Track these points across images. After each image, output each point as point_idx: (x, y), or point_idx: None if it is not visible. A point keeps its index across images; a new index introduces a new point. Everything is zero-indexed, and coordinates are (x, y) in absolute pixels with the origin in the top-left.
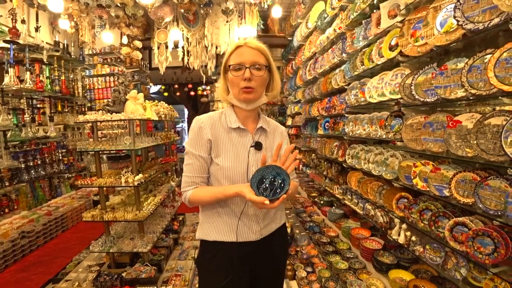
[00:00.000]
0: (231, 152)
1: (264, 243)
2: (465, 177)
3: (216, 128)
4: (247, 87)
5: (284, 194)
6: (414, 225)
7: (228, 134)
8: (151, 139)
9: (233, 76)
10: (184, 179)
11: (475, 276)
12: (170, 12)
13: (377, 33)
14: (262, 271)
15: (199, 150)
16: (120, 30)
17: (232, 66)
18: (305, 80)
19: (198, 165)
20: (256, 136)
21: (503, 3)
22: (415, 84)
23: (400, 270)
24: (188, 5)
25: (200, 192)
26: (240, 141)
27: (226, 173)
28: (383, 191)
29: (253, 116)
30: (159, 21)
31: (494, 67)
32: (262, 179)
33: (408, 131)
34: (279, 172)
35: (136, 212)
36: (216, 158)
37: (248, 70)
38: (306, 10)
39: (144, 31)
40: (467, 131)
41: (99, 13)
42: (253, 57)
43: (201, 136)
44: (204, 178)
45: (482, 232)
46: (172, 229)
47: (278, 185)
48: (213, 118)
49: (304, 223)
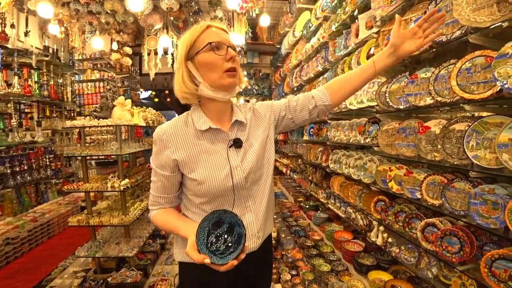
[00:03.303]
0: (207, 162)
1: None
2: (434, 180)
3: (182, 138)
4: (233, 68)
5: (234, 259)
6: (390, 227)
7: (199, 140)
8: (138, 144)
9: (216, 56)
10: (150, 197)
11: (445, 275)
12: (160, 20)
13: (356, 42)
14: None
15: (161, 168)
16: (111, 36)
17: (214, 44)
18: (292, 87)
19: (160, 185)
20: (232, 132)
21: (463, 17)
22: (389, 92)
23: (379, 271)
24: (178, 13)
25: (161, 218)
26: (215, 144)
27: (206, 188)
28: (363, 194)
29: (228, 109)
30: (149, 28)
31: (457, 77)
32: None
33: (384, 136)
34: (238, 223)
35: (122, 216)
36: (191, 174)
37: (230, 49)
38: (293, 19)
39: (134, 37)
40: (435, 136)
41: (89, 19)
42: (228, 37)
43: (163, 153)
44: (169, 198)
45: (449, 232)
46: (160, 234)
47: (234, 239)
48: (177, 126)
49: (290, 228)
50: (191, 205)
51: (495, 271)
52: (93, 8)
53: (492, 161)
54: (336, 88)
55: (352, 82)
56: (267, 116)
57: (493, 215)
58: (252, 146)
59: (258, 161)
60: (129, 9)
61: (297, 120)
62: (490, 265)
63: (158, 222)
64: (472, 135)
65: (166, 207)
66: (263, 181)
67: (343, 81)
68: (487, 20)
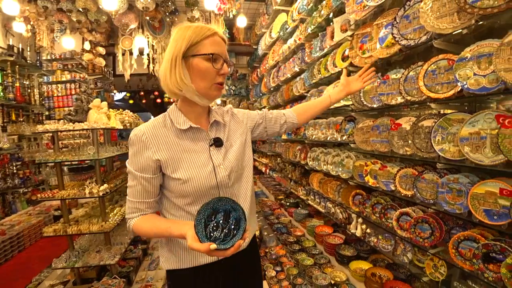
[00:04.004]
0: (190, 161)
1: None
2: (406, 173)
3: (163, 138)
4: (222, 82)
5: (240, 239)
6: (368, 218)
7: (180, 140)
8: (115, 148)
9: (212, 67)
10: (127, 204)
11: (419, 258)
12: (135, 19)
13: (331, 45)
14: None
15: (141, 170)
16: (82, 35)
17: (214, 56)
18: (269, 87)
19: (140, 189)
20: (211, 132)
21: (428, 24)
22: (363, 92)
23: (360, 261)
24: (154, 13)
25: (144, 224)
26: (196, 144)
27: (191, 187)
28: (341, 189)
29: (206, 111)
30: (123, 28)
31: (424, 78)
32: (214, 213)
33: (359, 133)
34: (234, 207)
35: (102, 223)
36: (175, 173)
37: (226, 65)
38: (270, 20)
39: (107, 37)
40: (406, 132)
41: (59, 17)
42: (225, 51)
43: (143, 155)
44: (150, 203)
45: (421, 219)
46: (141, 239)
47: (232, 224)
48: (155, 127)
49: (272, 225)
50: (174, 208)
51: (461, 251)
52: (63, 5)
53: (456, 154)
54: (301, 111)
55: (314, 109)
56: (244, 122)
57: (458, 201)
58: (233, 147)
59: (239, 161)
60: (103, 8)
61: (269, 131)
62: (457, 246)
63: (142, 229)
64: (438, 130)
65: (147, 213)
66: (245, 181)
67: (307, 107)
68: (449, 27)
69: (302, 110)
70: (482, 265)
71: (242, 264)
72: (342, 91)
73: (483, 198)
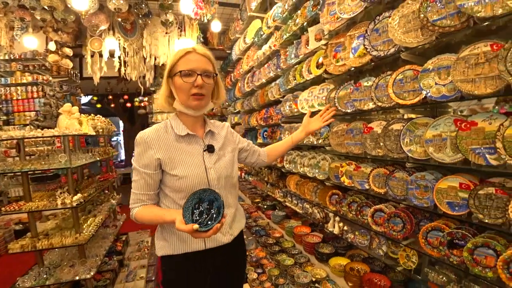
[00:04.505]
0: (186, 161)
1: (234, 245)
2: (379, 172)
3: (164, 141)
4: (198, 93)
5: (217, 223)
6: (345, 216)
7: (179, 143)
8: (88, 155)
9: (183, 82)
10: (132, 195)
11: (393, 250)
12: (106, 20)
13: (306, 52)
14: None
15: (144, 167)
16: (47, 34)
17: (183, 72)
18: (243, 92)
19: (143, 183)
20: (206, 140)
21: (396, 37)
22: (337, 98)
23: (338, 258)
24: (126, 15)
25: (144, 212)
26: (192, 148)
27: (186, 183)
28: (318, 190)
29: (200, 121)
30: (93, 29)
31: (393, 85)
32: (200, 202)
33: (334, 137)
34: (216, 197)
35: (76, 235)
36: (173, 170)
37: (200, 77)
38: (244, 26)
39: (75, 37)
40: (378, 135)
41: (20, 14)
42: (203, 65)
43: (146, 153)
44: (150, 195)
45: (394, 214)
46: (115, 250)
47: (215, 211)
48: (158, 131)
49: (251, 228)
50: (169, 202)
51: (430, 240)
52: (26, 2)
53: (422, 154)
54: (270, 152)
55: (280, 149)
56: (236, 142)
57: (425, 196)
58: (225, 156)
59: (228, 169)
60: (72, 7)
61: (246, 159)
62: (426, 236)
63: (142, 216)
64: (406, 133)
65: (148, 203)
66: (233, 189)
67: (274, 148)
68: (414, 42)
69: (270, 151)
70: (448, 251)
71: (229, 256)
72: (302, 131)
73: (446, 192)
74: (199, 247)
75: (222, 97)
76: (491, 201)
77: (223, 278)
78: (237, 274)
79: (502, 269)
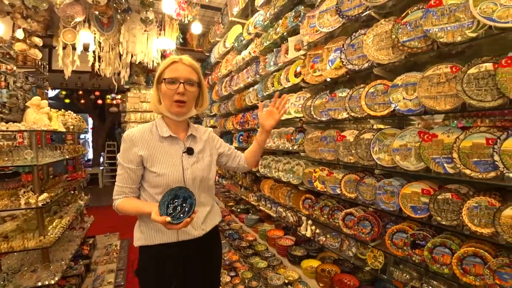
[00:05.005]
0: (166, 160)
1: (206, 240)
2: (350, 178)
3: (148, 140)
4: (180, 100)
5: (187, 218)
6: (317, 220)
7: (161, 143)
8: (57, 153)
9: (167, 89)
10: (115, 188)
11: (362, 252)
12: (82, 12)
13: (285, 61)
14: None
15: (128, 162)
16: (14, 21)
17: (167, 80)
18: (221, 95)
19: (126, 177)
20: (187, 142)
21: (370, 54)
22: (313, 106)
23: (310, 260)
24: (104, 8)
25: (125, 204)
26: (173, 149)
27: (163, 180)
28: (292, 194)
29: (183, 125)
30: (67, 20)
31: (365, 98)
32: (175, 198)
33: (309, 143)
34: (190, 195)
35: (40, 238)
36: (152, 167)
37: (182, 85)
38: (225, 30)
39: (45, 26)
40: (350, 143)
41: None
42: (187, 74)
43: (131, 150)
44: (133, 188)
45: (363, 218)
46: (82, 254)
47: (187, 207)
48: (144, 131)
49: (224, 232)
50: (147, 196)
51: (395, 241)
52: None
53: (389, 161)
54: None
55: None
56: (217, 146)
57: (391, 201)
58: (203, 159)
59: (205, 171)
60: None
61: (227, 164)
62: (391, 237)
63: (124, 207)
64: (376, 142)
65: (129, 196)
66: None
67: (248, 153)
68: (385, 59)
69: (246, 156)
70: (411, 251)
71: (201, 249)
72: (262, 132)
73: (410, 197)
74: (172, 239)
75: (205, 105)
76: (448, 205)
77: (194, 269)
78: (209, 268)
79: (457, 265)
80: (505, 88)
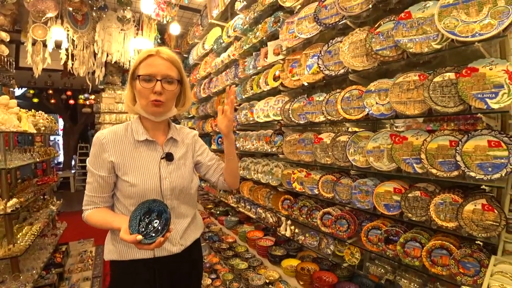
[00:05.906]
0: (140, 168)
1: (186, 256)
2: (327, 179)
3: (120, 144)
4: (157, 100)
5: (161, 237)
6: (296, 219)
7: (136, 148)
8: (27, 155)
9: (142, 88)
10: (85, 197)
11: (339, 249)
12: (55, 8)
13: (264, 65)
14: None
15: (98, 169)
16: None
17: (142, 77)
18: (199, 97)
19: (96, 186)
20: (166, 147)
21: (345, 60)
22: (291, 109)
23: (290, 259)
24: (79, 5)
25: (94, 216)
26: (149, 155)
27: (137, 191)
28: (271, 196)
29: (162, 127)
30: (38, 15)
31: (341, 102)
32: (148, 212)
33: (287, 145)
34: (165, 209)
35: (9, 246)
36: (124, 176)
37: (159, 84)
38: (204, 32)
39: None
40: (327, 145)
41: None
42: (165, 70)
43: (101, 156)
44: (104, 197)
45: (340, 216)
46: (54, 262)
47: (162, 223)
48: (117, 133)
49: (203, 234)
50: (121, 206)
51: (370, 238)
52: None
53: (364, 163)
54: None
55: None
56: (196, 152)
57: (366, 199)
58: (185, 166)
59: (186, 180)
60: None
61: (206, 175)
62: (367, 234)
63: (92, 219)
64: (351, 144)
65: (101, 206)
66: (189, 199)
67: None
68: (360, 66)
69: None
70: (385, 246)
71: (180, 266)
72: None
73: (383, 196)
74: (147, 255)
75: (188, 104)
76: (417, 202)
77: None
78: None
79: (426, 258)
80: (465, 95)
